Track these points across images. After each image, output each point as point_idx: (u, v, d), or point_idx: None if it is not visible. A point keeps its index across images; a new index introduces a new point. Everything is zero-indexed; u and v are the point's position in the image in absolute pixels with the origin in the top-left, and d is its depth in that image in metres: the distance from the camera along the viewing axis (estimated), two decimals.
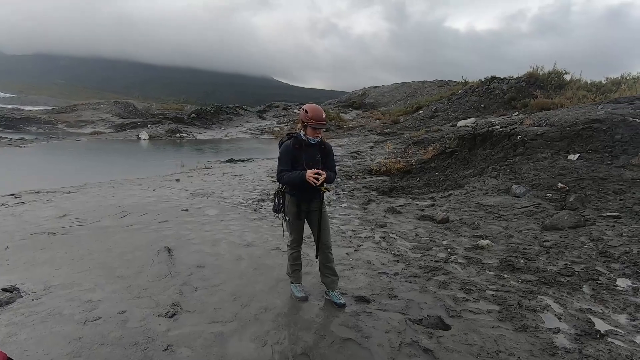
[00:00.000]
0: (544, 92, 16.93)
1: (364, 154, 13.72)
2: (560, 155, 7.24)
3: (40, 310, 3.18)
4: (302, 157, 3.21)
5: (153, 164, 13.22)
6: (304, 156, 3.21)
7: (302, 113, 3.19)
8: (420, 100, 28.08)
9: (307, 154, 3.22)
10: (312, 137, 3.20)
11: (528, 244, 4.68)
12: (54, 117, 29.52)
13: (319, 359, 2.60)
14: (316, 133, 3.20)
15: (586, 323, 2.97)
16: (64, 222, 5.74)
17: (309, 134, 3.21)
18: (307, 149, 3.23)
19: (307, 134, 3.21)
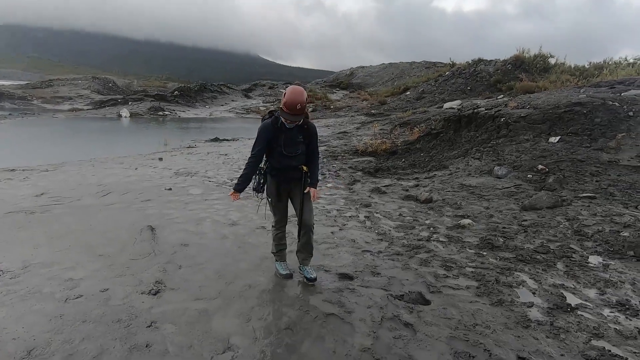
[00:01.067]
0: (529, 75, 17.07)
1: (351, 135, 13.69)
2: (542, 138, 7.38)
3: (19, 289, 3.13)
4: (281, 139, 3.03)
5: (135, 142, 12.88)
6: (283, 137, 3.03)
7: (282, 96, 2.97)
8: (407, 81, 27.96)
9: (286, 135, 3.03)
10: (286, 122, 2.98)
11: (507, 223, 4.82)
12: (28, 92, 28.22)
13: (303, 333, 2.65)
14: (287, 120, 2.95)
15: (559, 297, 3.11)
16: (42, 201, 5.59)
17: (283, 119, 2.98)
18: (287, 131, 3.04)
19: (283, 118, 2.98)
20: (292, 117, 2.92)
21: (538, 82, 14.92)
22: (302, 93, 2.91)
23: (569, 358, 2.41)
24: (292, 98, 2.87)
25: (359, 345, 2.52)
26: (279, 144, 3.04)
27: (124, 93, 31.14)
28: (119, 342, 2.50)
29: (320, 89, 32.65)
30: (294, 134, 3.06)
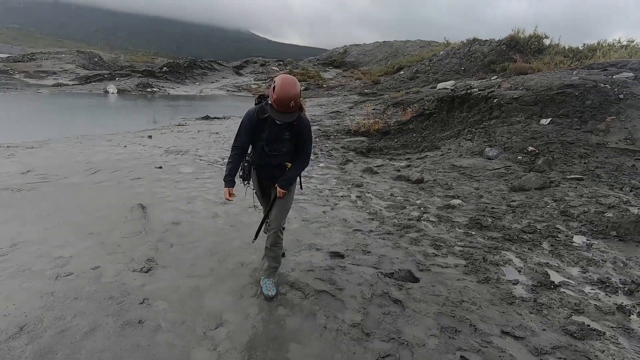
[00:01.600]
0: (523, 56, 16.98)
1: (343, 114, 13.58)
2: (533, 120, 7.42)
3: (8, 267, 3.10)
4: (267, 133, 2.63)
5: (123, 119, 12.59)
6: (267, 133, 2.63)
7: (271, 88, 2.46)
8: (401, 60, 27.60)
9: (270, 130, 2.62)
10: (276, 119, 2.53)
11: (496, 203, 4.90)
12: (10, 66, 27.13)
13: (295, 310, 2.70)
14: (278, 120, 2.52)
15: (543, 275, 3.20)
16: (29, 178, 5.47)
17: (271, 113, 2.52)
18: (274, 125, 2.62)
19: (270, 113, 2.53)
20: (282, 117, 2.48)
21: (532, 63, 14.87)
22: (295, 85, 2.44)
23: (550, 332, 2.51)
24: (283, 93, 2.39)
25: (349, 320, 2.59)
26: (261, 138, 2.67)
27: (110, 68, 30.15)
28: (112, 319, 2.52)
29: (313, 67, 32.07)
30: (280, 129, 2.63)
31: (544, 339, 2.45)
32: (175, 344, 2.32)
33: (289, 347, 2.34)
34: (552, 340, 2.43)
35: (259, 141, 2.70)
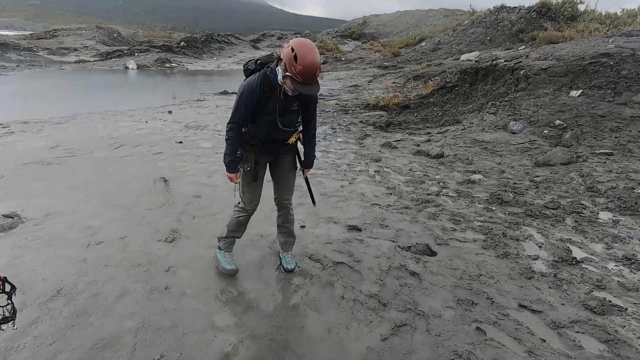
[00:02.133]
0: (555, 24, 15.96)
1: (362, 88, 13.30)
2: (563, 92, 7.06)
3: (43, 235, 3.29)
4: (275, 106, 2.35)
5: (143, 95, 12.75)
6: (278, 106, 2.36)
7: (288, 55, 2.13)
8: (423, 31, 26.47)
9: (281, 103, 2.36)
10: (290, 89, 2.28)
11: (519, 179, 4.77)
12: (33, 43, 27.66)
13: (313, 280, 2.78)
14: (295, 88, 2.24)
15: (564, 251, 3.15)
16: (57, 153, 5.69)
17: (287, 85, 2.26)
18: (284, 96, 2.35)
19: (286, 84, 2.26)
20: (309, 89, 2.18)
21: (564, 31, 13.98)
22: (316, 50, 2.17)
23: (570, 307, 2.49)
24: (308, 62, 2.09)
25: (366, 291, 2.64)
26: (269, 113, 2.38)
27: (129, 44, 30.32)
28: (140, 285, 2.66)
29: (331, 39, 31.24)
30: (290, 101, 2.39)
31: (563, 313, 2.44)
32: (199, 309, 2.44)
33: (308, 314, 2.42)
34: (571, 315, 2.41)
35: (263, 115, 2.39)
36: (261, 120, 2.41)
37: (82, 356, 2.04)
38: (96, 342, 2.14)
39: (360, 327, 2.31)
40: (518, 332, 2.28)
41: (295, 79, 2.15)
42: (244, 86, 2.37)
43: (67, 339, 2.16)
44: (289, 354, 2.10)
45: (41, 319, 2.31)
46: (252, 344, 2.16)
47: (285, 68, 2.19)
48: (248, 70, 2.47)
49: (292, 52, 2.12)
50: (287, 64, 2.16)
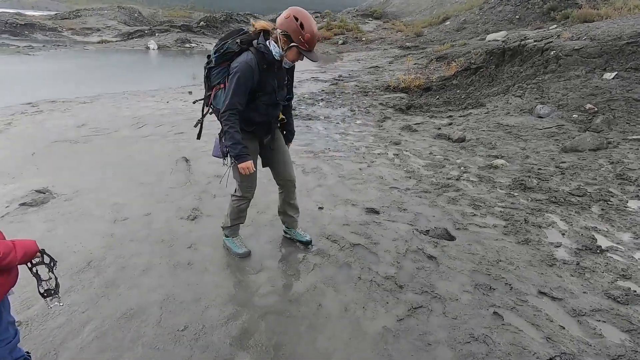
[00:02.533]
0: (590, 1, 15.03)
1: (383, 70, 13.02)
2: (595, 74, 6.70)
3: (73, 210, 3.44)
4: (274, 83, 2.31)
5: (164, 75, 12.89)
6: (276, 82, 2.33)
7: (292, 24, 2.13)
8: (448, 9, 25.43)
9: (278, 77, 2.34)
10: (290, 61, 2.31)
11: (544, 164, 4.63)
12: (58, 23, 28.15)
13: (331, 260, 2.82)
14: (299, 59, 2.28)
15: (589, 239, 3.07)
16: (84, 132, 5.87)
17: (290, 57, 2.25)
18: (279, 72, 2.34)
19: (288, 56, 2.25)
20: (315, 56, 2.24)
21: (600, 9, 13.15)
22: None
23: (591, 295, 2.45)
24: (313, 29, 2.15)
25: (383, 273, 2.67)
26: (269, 92, 2.31)
27: (150, 24, 30.46)
28: (164, 260, 2.77)
29: (352, 18, 30.44)
30: (283, 74, 2.40)
31: (584, 301, 2.40)
32: (221, 285, 2.53)
33: (325, 292, 2.47)
34: (593, 303, 2.37)
35: (262, 96, 2.31)
36: (260, 101, 2.33)
37: (112, 324, 2.16)
38: (125, 311, 2.26)
39: (376, 307, 2.35)
40: (536, 318, 2.26)
41: (302, 48, 2.17)
42: (240, 68, 2.18)
43: (98, 308, 2.28)
44: (307, 331, 2.16)
45: (74, 288, 2.45)
46: (270, 320, 2.24)
47: (287, 40, 2.18)
48: (228, 52, 2.26)
49: (296, 21, 2.13)
50: (292, 35, 2.15)
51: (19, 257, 1.40)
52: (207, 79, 2.42)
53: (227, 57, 2.27)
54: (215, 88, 2.39)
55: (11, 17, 26.35)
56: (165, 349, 2.01)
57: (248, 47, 2.24)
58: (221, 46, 2.27)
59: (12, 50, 17.33)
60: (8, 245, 1.37)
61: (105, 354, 1.97)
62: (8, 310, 1.56)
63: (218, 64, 2.32)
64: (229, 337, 2.10)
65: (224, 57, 2.28)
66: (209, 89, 2.43)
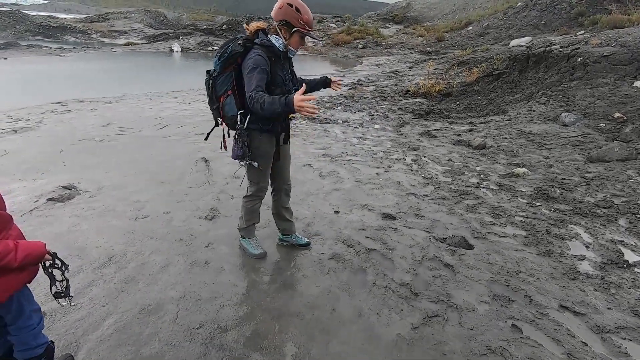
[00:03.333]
0: (620, 6, 14.54)
1: (402, 74, 12.94)
2: (625, 81, 6.47)
3: (97, 207, 3.56)
4: (283, 75, 2.35)
5: (187, 77, 13.20)
6: (286, 75, 2.39)
7: (289, 11, 2.22)
8: (470, 14, 25.09)
9: (286, 71, 2.39)
10: (294, 49, 2.37)
11: (568, 174, 4.49)
12: (88, 26, 29.30)
13: (346, 264, 2.81)
14: (301, 44, 2.37)
15: (615, 253, 2.95)
16: (109, 130, 6.07)
17: (294, 44, 2.33)
18: (285, 63, 2.40)
19: (292, 44, 2.32)
20: (315, 35, 2.45)
21: (631, 14, 12.70)
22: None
23: (617, 312, 2.35)
24: (308, 10, 2.28)
25: (398, 279, 2.64)
26: (279, 84, 2.33)
27: (174, 27, 31.30)
28: (182, 258, 2.82)
29: (372, 23, 30.43)
30: (288, 67, 2.46)
31: (609, 317, 2.31)
32: (236, 284, 2.56)
33: (340, 296, 2.47)
34: (618, 320, 2.28)
35: (275, 90, 2.30)
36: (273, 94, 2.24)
37: (131, 319, 2.22)
38: (143, 307, 2.31)
39: (391, 314, 2.32)
40: (557, 332, 2.19)
41: (304, 31, 2.27)
42: (255, 59, 2.20)
43: (117, 302, 2.35)
44: (320, 334, 2.16)
45: (95, 282, 2.52)
46: (284, 321, 2.25)
47: (287, 28, 2.27)
48: (233, 55, 2.24)
49: (291, 7, 2.22)
50: (291, 20, 2.24)
51: (19, 259, 1.41)
52: (212, 90, 2.39)
53: (233, 59, 2.28)
54: (222, 98, 2.37)
55: (44, 20, 27.59)
56: (180, 346, 2.05)
57: (252, 46, 2.28)
58: (224, 51, 2.28)
59: (45, 51, 18.12)
60: (7, 246, 1.38)
61: (124, 347, 2.02)
62: (29, 299, 1.63)
63: (222, 70, 2.32)
64: (243, 337, 2.12)
65: (229, 60, 2.27)
66: (216, 101, 2.42)
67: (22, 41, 20.83)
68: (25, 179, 4.12)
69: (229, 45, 2.28)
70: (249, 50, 2.27)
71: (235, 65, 2.31)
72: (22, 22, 25.48)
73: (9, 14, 26.37)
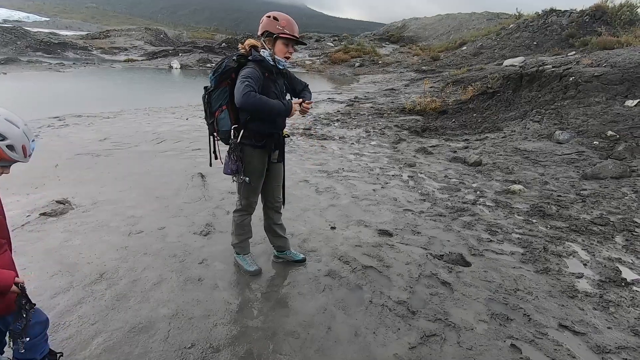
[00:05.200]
0: (610, 28, 14.95)
1: (398, 92, 13.12)
2: (617, 101, 6.59)
3: (90, 221, 3.51)
4: (276, 90, 2.40)
5: (185, 93, 13.31)
6: (277, 88, 2.42)
7: (267, 21, 2.34)
8: (465, 35, 25.71)
9: (278, 85, 2.43)
10: (282, 58, 2.38)
11: (564, 191, 4.51)
12: (88, 42, 29.68)
13: (342, 281, 2.77)
14: (288, 51, 2.38)
15: (613, 271, 2.93)
16: (106, 145, 6.06)
17: (278, 52, 2.36)
18: (278, 77, 2.43)
19: (277, 52, 2.36)
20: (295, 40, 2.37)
21: (620, 36, 13.06)
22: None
23: (617, 331, 2.32)
24: (287, 17, 2.34)
25: (395, 297, 2.60)
26: (274, 98, 2.34)
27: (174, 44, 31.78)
28: (175, 274, 2.77)
29: (369, 42, 31.07)
30: (282, 81, 2.49)
31: (609, 337, 2.27)
32: (230, 302, 2.50)
33: (336, 314, 2.42)
34: (618, 340, 2.24)
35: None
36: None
37: (121, 337, 2.16)
38: (134, 325, 2.25)
39: (387, 333, 2.27)
40: (557, 353, 2.15)
41: (286, 35, 2.32)
42: (248, 71, 2.26)
43: (107, 321, 2.28)
44: (315, 354, 2.10)
45: (85, 299, 2.46)
46: (279, 341, 2.19)
47: (270, 38, 2.36)
48: (227, 70, 2.33)
49: (269, 17, 2.35)
50: (270, 29, 2.34)
51: None
52: (208, 105, 2.47)
53: (227, 75, 2.36)
54: (217, 112, 2.45)
55: (46, 37, 27.92)
56: None
57: (246, 62, 2.36)
58: (219, 66, 2.36)
59: (45, 66, 18.27)
60: None
61: None
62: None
63: (217, 85, 2.40)
64: (236, 356, 2.06)
65: (224, 75, 2.36)
66: (211, 116, 2.49)
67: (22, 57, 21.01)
68: (18, 193, 4.07)
69: (224, 61, 2.38)
70: (243, 66, 2.34)
71: (229, 80, 2.39)
72: (24, 38, 25.77)
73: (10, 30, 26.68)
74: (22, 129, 1.45)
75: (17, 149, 1.42)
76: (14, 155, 1.43)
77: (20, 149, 1.43)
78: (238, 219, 2.75)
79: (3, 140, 1.39)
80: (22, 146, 1.44)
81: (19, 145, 1.42)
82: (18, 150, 1.43)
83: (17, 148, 1.42)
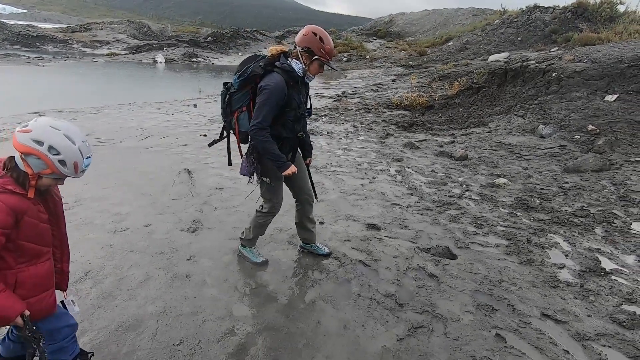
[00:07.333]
0: (591, 25, 15.29)
1: (386, 87, 13.18)
2: (597, 96, 6.77)
3: (74, 219, 3.43)
4: (298, 99, 2.43)
5: (170, 88, 13.08)
6: (300, 99, 2.46)
7: (313, 39, 2.33)
8: (451, 30, 25.93)
9: (301, 95, 2.48)
10: (312, 75, 2.45)
11: (546, 184, 4.62)
12: (69, 36, 28.82)
13: (330, 276, 2.78)
14: (319, 71, 2.46)
15: (593, 261, 3.03)
16: (89, 141, 5.90)
17: (313, 70, 2.41)
18: (302, 88, 2.49)
19: (311, 70, 2.41)
20: (334, 65, 2.55)
21: (601, 33, 13.37)
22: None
23: (596, 319, 2.40)
24: (331, 42, 2.37)
25: (383, 290, 2.63)
26: (294, 108, 2.42)
27: (159, 38, 31.15)
28: (163, 271, 2.74)
29: (356, 37, 31.06)
30: (304, 90, 2.54)
31: (589, 325, 2.35)
32: (219, 298, 2.49)
33: (325, 309, 2.43)
34: (598, 328, 2.32)
35: (289, 112, 2.41)
36: (285, 118, 2.42)
37: (107, 336, 2.13)
38: (120, 324, 2.22)
39: (376, 325, 2.30)
40: (540, 341, 2.21)
41: (324, 60, 2.36)
42: (273, 87, 2.27)
43: (93, 319, 2.25)
44: (305, 348, 2.12)
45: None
46: (268, 336, 2.20)
47: (309, 55, 2.36)
48: (252, 76, 2.32)
49: (315, 36, 2.33)
50: (314, 49, 2.33)
51: None
52: (227, 104, 2.48)
53: (251, 80, 2.35)
54: (236, 112, 2.46)
55: (24, 29, 27.00)
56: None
57: (272, 69, 2.34)
58: (244, 70, 2.34)
59: (23, 60, 17.69)
60: None
61: None
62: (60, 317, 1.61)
63: (240, 88, 2.40)
64: (225, 352, 2.06)
65: (248, 80, 2.35)
66: (230, 114, 2.50)
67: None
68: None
69: (250, 65, 2.34)
70: (268, 73, 2.33)
71: (253, 84, 2.38)
72: (0, 31, 24.86)
73: None
74: (79, 146, 1.43)
75: (69, 165, 1.41)
76: (64, 171, 1.42)
77: (71, 165, 1.42)
78: (261, 220, 2.79)
79: (56, 155, 1.38)
80: (74, 162, 1.42)
81: (70, 162, 1.41)
82: (69, 166, 1.41)
83: (68, 164, 1.41)
